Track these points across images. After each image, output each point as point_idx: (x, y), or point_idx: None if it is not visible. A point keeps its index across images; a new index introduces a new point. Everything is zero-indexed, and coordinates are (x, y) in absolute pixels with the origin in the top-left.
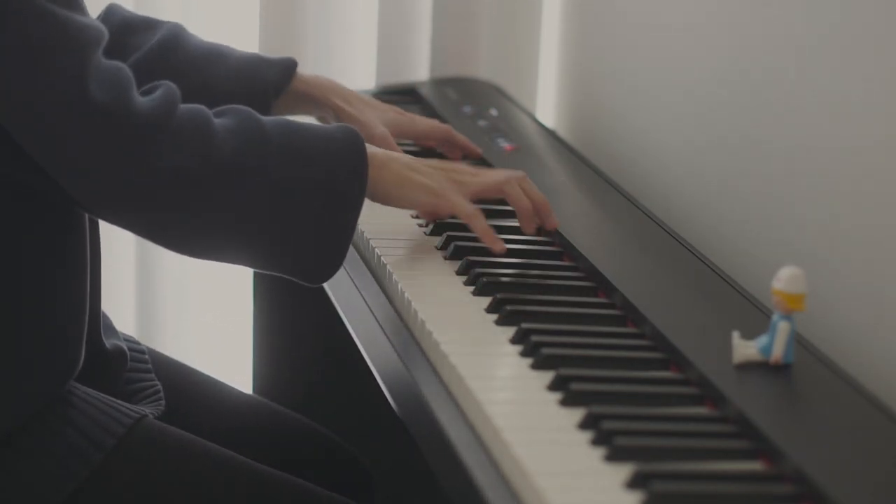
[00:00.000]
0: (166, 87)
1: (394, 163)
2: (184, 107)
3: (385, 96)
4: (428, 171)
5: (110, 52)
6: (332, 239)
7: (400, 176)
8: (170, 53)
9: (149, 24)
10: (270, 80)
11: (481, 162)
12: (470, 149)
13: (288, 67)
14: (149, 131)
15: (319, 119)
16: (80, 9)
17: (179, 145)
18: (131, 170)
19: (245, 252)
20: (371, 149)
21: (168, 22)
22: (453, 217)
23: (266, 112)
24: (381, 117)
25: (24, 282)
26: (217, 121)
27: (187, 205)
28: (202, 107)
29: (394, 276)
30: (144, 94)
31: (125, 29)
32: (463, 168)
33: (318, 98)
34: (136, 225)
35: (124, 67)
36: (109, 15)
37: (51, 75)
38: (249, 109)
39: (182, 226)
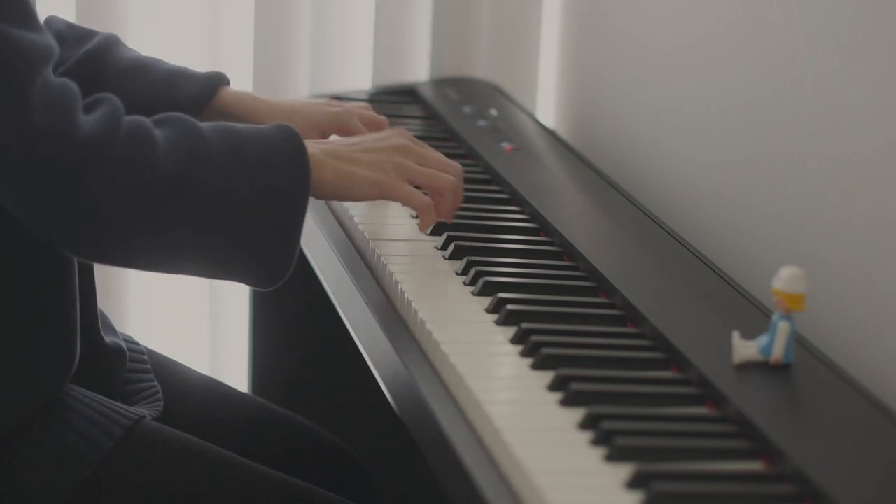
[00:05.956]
0: (109, 103)
1: (332, 159)
2: (126, 121)
3: (384, 97)
4: (369, 161)
5: None
6: (280, 243)
7: (340, 173)
8: (96, 65)
9: (81, 36)
10: (190, 96)
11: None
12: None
13: (211, 84)
14: (93, 152)
15: None
16: (34, 25)
17: (124, 164)
18: (75, 190)
19: (192, 264)
20: (309, 147)
21: (102, 34)
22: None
23: None
24: (310, 123)
25: (16, 284)
26: (158, 132)
27: (132, 222)
28: (143, 119)
29: (394, 276)
30: (88, 108)
31: (57, 41)
32: (407, 147)
33: (241, 118)
34: (79, 246)
35: (70, 85)
36: (46, 26)
37: None
38: (187, 118)
39: (127, 243)
